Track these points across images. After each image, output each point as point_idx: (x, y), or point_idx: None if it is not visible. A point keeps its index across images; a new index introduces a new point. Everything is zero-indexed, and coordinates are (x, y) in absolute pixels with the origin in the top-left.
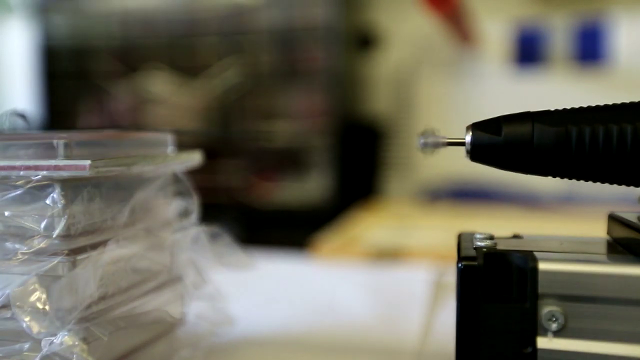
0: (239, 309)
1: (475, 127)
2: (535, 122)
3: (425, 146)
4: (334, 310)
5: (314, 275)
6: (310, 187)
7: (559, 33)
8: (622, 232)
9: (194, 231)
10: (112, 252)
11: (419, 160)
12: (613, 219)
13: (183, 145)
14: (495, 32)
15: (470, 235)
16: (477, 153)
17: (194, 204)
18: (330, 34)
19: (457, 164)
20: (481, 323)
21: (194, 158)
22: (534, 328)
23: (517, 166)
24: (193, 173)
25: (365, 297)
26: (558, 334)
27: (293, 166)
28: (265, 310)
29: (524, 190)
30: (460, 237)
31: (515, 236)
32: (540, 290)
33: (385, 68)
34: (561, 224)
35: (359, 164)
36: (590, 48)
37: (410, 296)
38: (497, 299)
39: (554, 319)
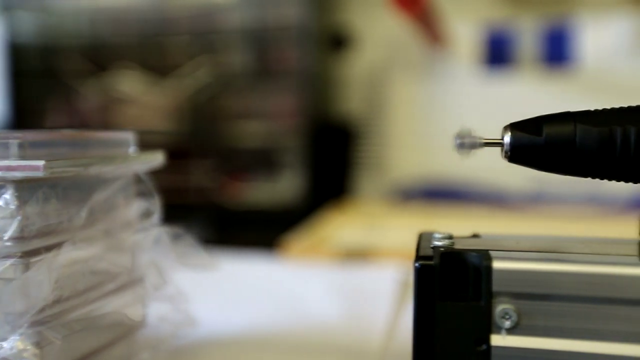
0: (204, 310)
1: (514, 127)
2: (577, 122)
3: (462, 147)
4: (300, 311)
5: (282, 275)
6: (282, 187)
7: (527, 35)
8: None
9: (156, 232)
10: (68, 254)
11: (391, 160)
12: None
13: (153, 145)
14: (465, 33)
15: (430, 235)
16: (517, 154)
17: (156, 204)
18: (303, 34)
19: (429, 164)
20: (437, 321)
21: (157, 158)
22: (488, 326)
23: (559, 167)
24: (163, 173)
25: (333, 297)
26: (511, 331)
27: (265, 166)
28: (230, 311)
29: (493, 190)
30: (420, 237)
31: (474, 235)
32: (495, 288)
33: (358, 69)
34: (529, 222)
35: (331, 164)
36: (557, 50)
37: (377, 295)
38: (452, 298)
39: (507, 317)
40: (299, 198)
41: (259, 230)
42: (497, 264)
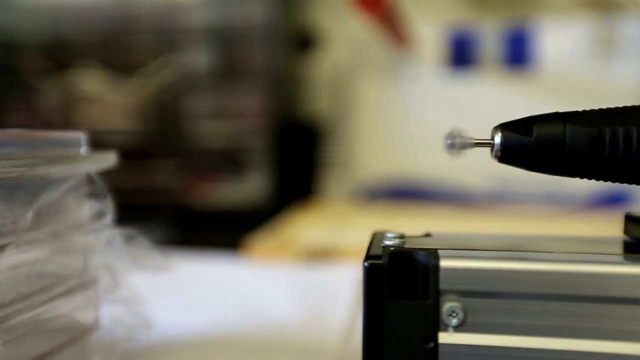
0: (162, 313)
1: (504, 127)
2: (567, 122)
3: (453, 147)
4: (260, 312)
5: (245, 276)
6: (248, 187)
7: (490, 37)
8: (638, 232)
9: (108, 233)
10: (12, 257)
11: (357, 160)
12: (629, 218)
13: (116, 145)
14: (429, 35)
15: (383, 235)
16: (507, 154)
17: (108, 205)
18: (269, 34)
19: (394, 164)
20: (386, 320)
21: (109, 158)
22: (436, 324)
23: (549, 167)
24: (127, 174)
25: (294, 298)
26: (458, 328)
27: (231, 166)
28: (189, 313)
29: (458, 189)
30: (373, 237)
31: (427, 235)
32: (442, 287)
33: (324, 69)
34: (492, 221)
35: (297, 164)
36: (518, 52)
37: (338, 295)
38: (401, 296)
39: (454, 315)
40: (265, 198)
41: (224, 231)
42: (444, 263)
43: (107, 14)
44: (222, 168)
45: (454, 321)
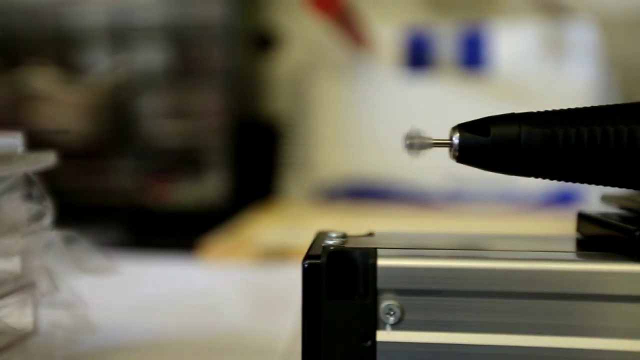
0: (109, 316)
1: (462, 128)
2: (522, 123)
3: (412, 147)
4: (211, 313)
5: (198, 278)
6: (206, 188)
7: (446, 39)
8: (590, 229)
9: (47, 236)
10: None
11: (317, 160)
12: (581, 216)
13: (68, 144)
14: (386, 36)
15: (325, 234)
16: (465, 154)
17: (47, 207)
18: (227, 32)
19: (354, 164)
20: (324, 319)
21: (47, 159)
22: (374, 322)
23: (505, 168)
24: (80, 174)
25: (246, 298)
26: (395, 326)
27: (189, 167)
28: (138, 316)
29: (416, 189)
30: (316, 236)
31: (370, 234)
32: (379, 285)
33: (283, 68)
34: (448, 220)
35: (256, 164)
36: (473, 54)
37: (292, 296)
38: (340, 296)
39: (392, 313)
40: (223, 199)
41: (181, 232)
42: (381, 262)
43: (60, 10)
44: (179, 168)
45: (392, 319)
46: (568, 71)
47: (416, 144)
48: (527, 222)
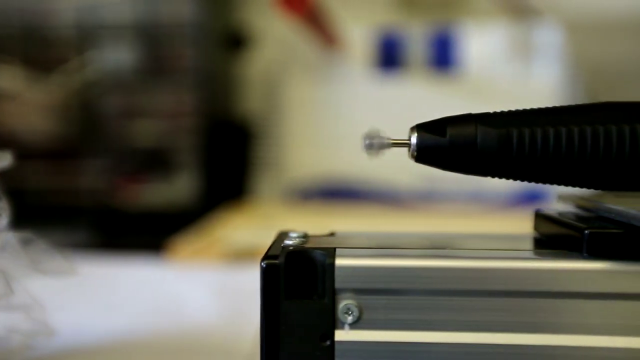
0: (71, 319)
1: (420, 128)
2: (478, 124)
3: (371, 147)
4: (177, 315)
5: (165, 279)
6: (177, 188)
7: (417, 40)
8: (547, 228)
9: (3, 237)
10: None
11: (289, 160)
12: (538, 215)
13: (36, 144)
14: (358, 37)
15: (286, 234)
16: (423, 154)
17: (3, 208)
18: (198, 32)
19: (326, 164)
20: (282, 320)
21: (3, 159)
22: (333, 322)
23: (462, 167)
24: (48, 175)
25: (213, 299)
26: (354, 326)
27: (160, 167)
28: (102, 319)
29: (389, 189)
30: (277, 236)
31: (331, 234)
32: (337, 285)
33: (256, 68)
34: (419, 220)
35: (228, 164)
36: (443, 55)
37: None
38: (298, 296)
39: (350, 312)
40: (194, 199)
41: (151, 233)
42: (339, 261)
43: (27, 7)
44: (149, 168)
45: (350, 319)
46: (535, 72)
47: (375, 143)
48: (495, 221)
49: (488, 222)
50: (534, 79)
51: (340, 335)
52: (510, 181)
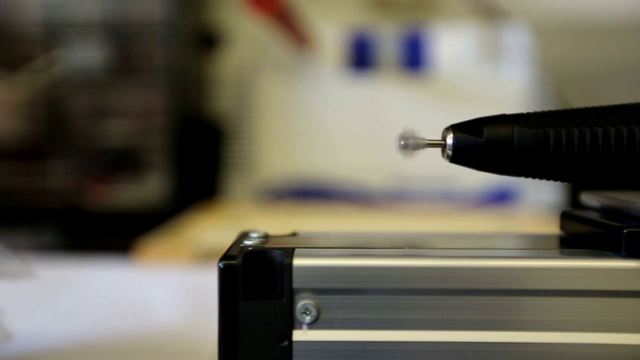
0: (29, 322)
1: (456, 128)
2: (514, 124)
3: (406, 148)
4: (142, 317)
5: (132, 281)
6: (148, 188)
7: (389, 40)
8: (575, 227)
9: None
10: None
11: (261, 160)
12: (565, 215)
13: (0, 144)
14: (330, 37)
15: (246, 234)
16: (459, 155)
17: None
18: (169, 30)
19: (298, 164)
20: (240, 321)
21: None
22: (290, 322)
23: (498, 168)
24: (14, 175)
25: (180, 301)
26: (312, 326)
27: (130, 167)
28: (62, 322)
29: (360, 188)
30: (238, 236)
31: (293, 234)
32: (295, 285)
33: (228, 67)
34: (391, 219)
35: (200, 164)
36: (415, 56)
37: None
38: (255, 296)
39: (308, 312)
40: (165, 199)
41: (119, 234)
42: (297, 261)
43: None
44: (119, 168)
45: (308, 319)
46: (504, 73)
47: (410, 144)
48: (466, 220)
49: (458, 221)
50: (502, 80)
51: (298, 335)
52: (479, 181)
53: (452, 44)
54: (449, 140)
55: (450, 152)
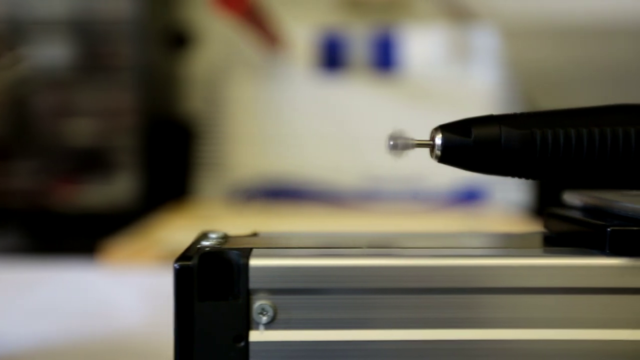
0: None
1: (444, 129)
2: (502, 125)
3: (395, 148)
4: (106, 319)
5: (97, 283)
6: (116, 189)
7: (360, 41)
8: (559, 226)
9: None
10: None
11: (232, 160)
12: (549, 214)
13: None
14: (301, 37)
15: (205, 235)
16: (447, 155)
17: None
18: (138, 29)
19: (269, 164)
20: (196, 322)
21: None
22: (247, 323)
23: (486, 167)
24: None
25: (144, 302)
26: (269, 326)
27: (98, 167)
28: (28, 325)
29: (332, 189)
30: (197, 237)
31: (253, 234)
32: (252, 285)
33: (199, 67)
34: (361, 219)
35: (170, 164)
36: (385, 56)
37: None
38: (212, 297)
39: (264, 312)
40: (133, 200)
41: (86, 235)
42: (254, 262)
43: None
44: (87, 169)
45: (264, 319)
46: (473, 74)
47: (399, 144)
48: (436, 220)
49: (428, 220)
50: (471, 80)
51: (255, 336)
52: (448, 181)
53: (422, 45)
54: (438, 140)
55: (439, 153)
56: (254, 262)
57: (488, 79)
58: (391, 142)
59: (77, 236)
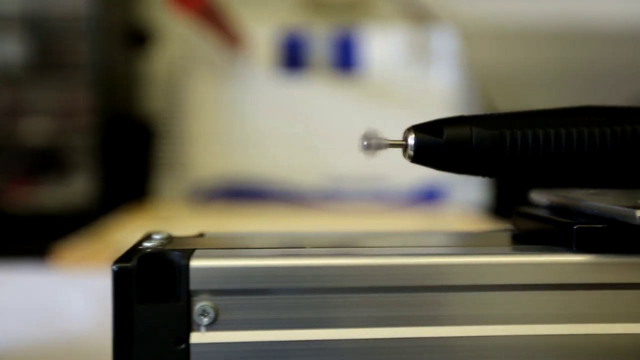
0: None
1: (417, 129)
2: (473, 125)
3: (368, 148)
4: (56, 323)
5: (48, 286)
6: (72, 189)
7: (320, 41)
8: (527, 225)
9: None
10: None
11: (193, 160)
12: (518, 213)
13: None
14: (262, 37)
15: (149, 236)
16: (420, 155)
17: None
18: (94, 26)
19: (230, 164)
20: (136, 324)
21: None
22: (188, 324)
23: (457, 167)
24: None
25: (95, 305)
26: (210, 327)
27: (52, 167)
28: None
29: (293, 188)
30: (140, 238)
31: (199, 235)
32: (193, 287)
33: (159, 66)
34: (323, 219)
35: (128, 164)
36: (346, 57)
37: None
38: (151, 299)
39: (206, 314)
40: (90, 201)
41: (38, 237)
42: (195, 263)
43: None
44: (41, 169)
45: (206, 320)
46: (433, 75)
47: (373, 144)
48: (396, 219)
49: (388, 219)
50: (431, 81)
51: (196, 337)
52: (409, 181)
53: (382, 46)
54: (411, 140)
55: (412, 153)
56: (195, 263)
57: (447, 80)
58: (365, 142)
59: (31, 238)
